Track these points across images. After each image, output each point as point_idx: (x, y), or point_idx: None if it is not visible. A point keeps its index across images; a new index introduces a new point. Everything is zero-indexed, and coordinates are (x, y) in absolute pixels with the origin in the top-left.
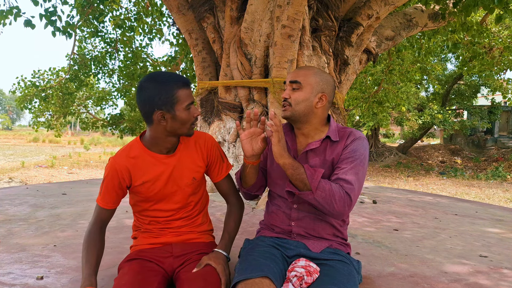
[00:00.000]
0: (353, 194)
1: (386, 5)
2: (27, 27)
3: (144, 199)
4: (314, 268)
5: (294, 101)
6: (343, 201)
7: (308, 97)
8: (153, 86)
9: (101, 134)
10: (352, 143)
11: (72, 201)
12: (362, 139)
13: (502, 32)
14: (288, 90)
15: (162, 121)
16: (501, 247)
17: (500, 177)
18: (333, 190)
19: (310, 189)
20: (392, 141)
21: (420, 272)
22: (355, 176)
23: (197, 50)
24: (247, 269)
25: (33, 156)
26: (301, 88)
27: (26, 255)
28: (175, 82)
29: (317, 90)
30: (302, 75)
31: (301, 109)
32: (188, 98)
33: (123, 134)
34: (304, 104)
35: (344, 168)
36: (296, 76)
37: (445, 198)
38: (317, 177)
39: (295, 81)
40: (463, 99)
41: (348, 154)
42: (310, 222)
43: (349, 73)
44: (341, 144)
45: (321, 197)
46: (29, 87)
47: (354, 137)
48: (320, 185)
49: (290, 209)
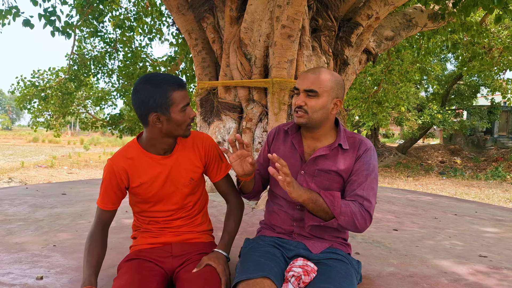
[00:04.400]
0: (371, 210)
1: (386, 5)
2: (26, 27)
3: (143, 200)
4: (312, 268)
5: (311, 109)
6: (364, 219)
7: (326, 105)
8: (148, 88)
9: (101, 134)
10: (365, 154)
11: (72, 201)
12: (373, 149)
13: (501, 32)
14: (303, 97)
15: (158, 123)
16: (500, 247)
17: (500, 177)
18: (354, 211)
19: (333, 217)
20: (392, 141)
21: (420, 272)
22: (372, 191)
23: (196, 50)
24: (248, 269)
25: (33, 156)
26: (317, 96)
27: (26, 255)
28: (169, 84)
29: (333, 96)
30: (318, 83)
31: (318, 117)
32: (183, 100)
33: (123, 134)
34: (321, 111)
35: (361, 184)
36: (312, 84)
37: (445, 198)
38: (337, 203)
39: (311, 90)
40: (462, 99)
41: (363, 166)
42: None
43: (348, 73)
44: (352, 153)
45: (345, 221)
46: (29, 87)
47: (366, 147)
48: (342, 211)
49: (293, 209)
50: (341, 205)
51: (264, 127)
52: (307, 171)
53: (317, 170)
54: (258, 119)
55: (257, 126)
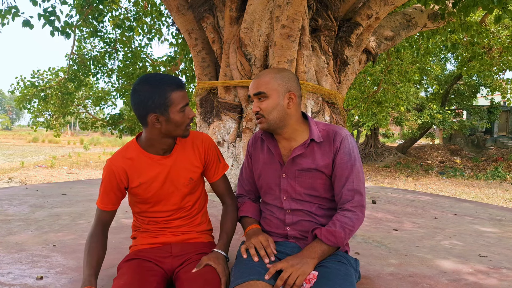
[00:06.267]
0: (364, 201)
1: (386, 5)
2: (25, 27)
3: (142, 200)
4: (313, 274)
5: (266, 111)
6: (358, 220)
7: (278, 102)
8: (146, 89)
9: (101, 134)
10: (343, 145)
11: (72, 201)
12: (348, 136)
13: (501, 32)
14: (256, 102)
15: (157, 123)
16: (500, 247)
17: (500, 177)
18: (353, 221)
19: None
20: (392, 141)
21: (420, 272)
22: (360, 181)
23: (196, 50)
24: (244, 272)
25: (33, 156)
26: (267, 97)
27: (26, 255)
28: (168, 85)
29: (283, 91)
30: (263, 84)
31: (275, 117)
32: (182, 100)
33: (122, 134)
34: (276, 110)
35: (348, 177)
36: (258, 87)
37: (445, 198)
38: (339, 237)
39: (259, 92)
40: (462, 99)
41: (344, 158)
42: (305, 225)
43: (348, 73)
44: (329, 146)
45: (351, 234)
46: (28, 87)
47: (341, 138)
48: (346, 236)
49: (284, 215)
50: (341, 234)
51: None
52: (288, 173)
53: (297, 170)
54: None
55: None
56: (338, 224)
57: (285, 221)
